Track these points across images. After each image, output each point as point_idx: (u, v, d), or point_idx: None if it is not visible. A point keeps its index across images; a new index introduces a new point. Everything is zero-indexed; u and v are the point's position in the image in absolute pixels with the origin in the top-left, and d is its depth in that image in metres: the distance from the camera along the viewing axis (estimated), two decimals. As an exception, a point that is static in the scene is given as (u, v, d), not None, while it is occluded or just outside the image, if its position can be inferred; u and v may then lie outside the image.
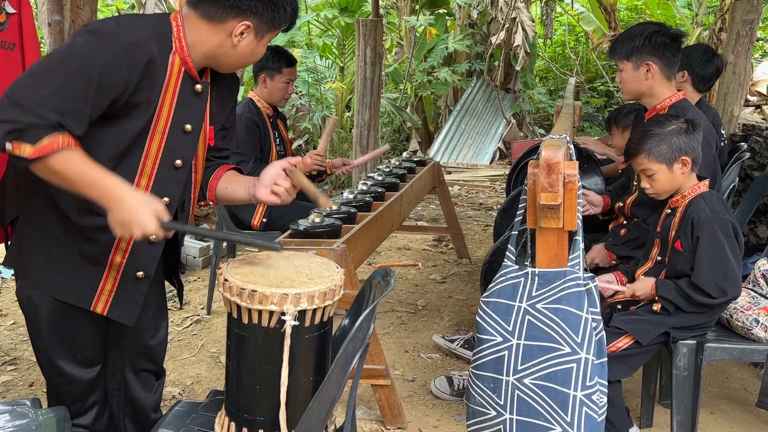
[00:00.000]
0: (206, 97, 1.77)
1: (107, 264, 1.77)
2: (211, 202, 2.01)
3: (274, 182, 1.78)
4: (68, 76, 1.52)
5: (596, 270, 2.64)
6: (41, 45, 2.36)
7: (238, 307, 1.41)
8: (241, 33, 1.69)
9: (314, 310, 1.41)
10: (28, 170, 1.56)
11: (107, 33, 1.59)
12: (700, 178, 2.30)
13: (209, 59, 1.74)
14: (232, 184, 1.92)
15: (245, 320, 1.41)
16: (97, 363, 1.93)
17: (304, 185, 1.80)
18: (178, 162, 1.77)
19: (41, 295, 1.79)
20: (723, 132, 3.40)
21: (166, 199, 1.78)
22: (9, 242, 1.84)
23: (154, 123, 1.69)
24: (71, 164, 1.53)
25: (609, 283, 2.38)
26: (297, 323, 1.38)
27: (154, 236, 1.60)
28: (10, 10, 2.05)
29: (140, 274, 1.81)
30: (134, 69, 1.60)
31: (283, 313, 1.37)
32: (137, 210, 1.55)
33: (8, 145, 1.48)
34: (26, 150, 1.48)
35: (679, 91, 2.65)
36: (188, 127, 1.75)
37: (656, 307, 2.23)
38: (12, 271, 4.24)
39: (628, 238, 2.64)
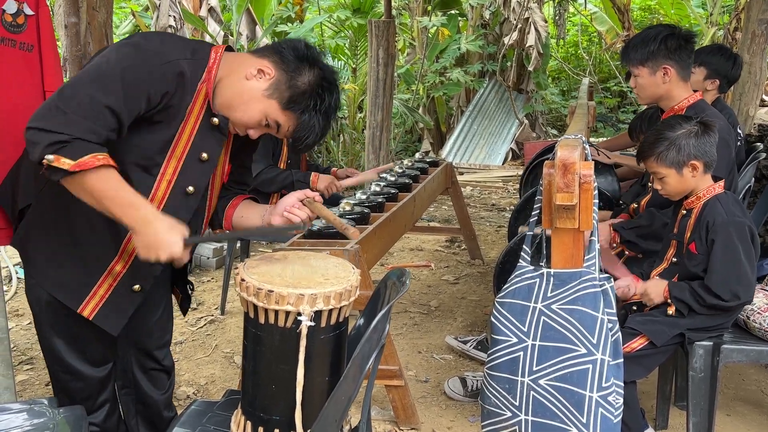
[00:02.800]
0: (225, 130, 1.77)
1: (107, 270, 1.77)
2: (227, 230, 2.01)
3: (287, 210, 1.78)
4: (107, 85, 1.55)
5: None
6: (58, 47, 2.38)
7: (255, 306, 1.41)
8: (259, 71, 1.69)
9: (330, 311, 1.41)
10: (57, 184, 1.57)
11: (149, 50, 1.62)
12: (716, 179, 2.28)
13: (222, 100, 1.73)
14: (247, 213, 1.93)
15: (262, 320, 1.41)
16: (107, 362, 1.93)
17: (328, 218, 1.79)
18: (191, 189, 1.77)
19: (49, 295, 1.79)
20: (740, 131, 3.38)
21: None
22: (17, 227, 1.85)
23: (173, 146, 1.70)
24: (106, 182, 1.54)
25: (627, 287, 2.36)
26: (313, 324, 1.39)
27: (178, 259, 1.62)
28: (29, 11, 2.07)
29: (137, 287, 1.81)
30: (168, 85, 1.62)
31: (299, 314, 1.38)
32: (164, 233, 1.58)
33: (50, 157, 1.48)
34: (66, 164, 1.49)
35: (695, 92, 2.64)
36: (204, 155, 1.76)
37: (671, 310, 2.21)
38: (28, 272, 4.29)
39: (638, 224, 2.60)
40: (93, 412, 1.95)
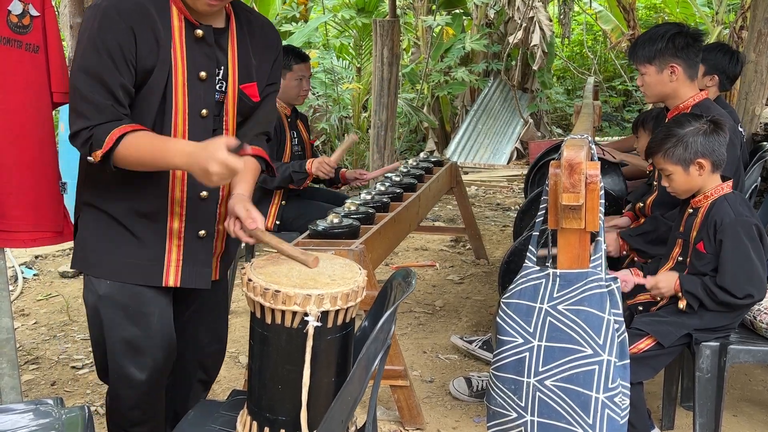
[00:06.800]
0: (212, 41, 1.74)
1: (167, 232, 1.76)
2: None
3: (234, 231, 1.70)
4: (93, 59, 1.63)
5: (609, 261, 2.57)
6: (64, 48, 2.38)
7: (262, 307, 1.41)
8: None
9: (337, 311, 1.41)
10: (115, 170, 1.67)
11: (102, 2, 1.65)
12: (724, 178, 2.27)
13: None
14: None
15: (268, 320, 1.41)
16: (162, 371, 1.87)
17: (279, 249, 1.62)
18: (204, 112, 1.76)
19: (109, 287, 1.77)
20: (742, 129, 3.38)
21: None
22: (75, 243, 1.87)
23: (174, 77, 1.69)
24: (136, 145, 1.63)
25: (626, 280, 2.34)
26: (320, 324, 1.39)
27: (234, 167, 1.55)
28: (34, 12, 2.07)
29: (202, 233, 1.80)
30: (136, 26, 1.64)
31: (306, 314, 1.38)
32: (205, 153, 1.55)
33: (89, 159, 1.66)
34: (99, 154, 1.63)
35: (701, 90, 2.63)
36: (203, 74, 1.74)
37: (681, 304, 2.20)
38: (33, 272, 4.30)
39: (644, 231, 2.60)
40: (139, 424, 1.89)
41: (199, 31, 1.72)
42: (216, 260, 1.90)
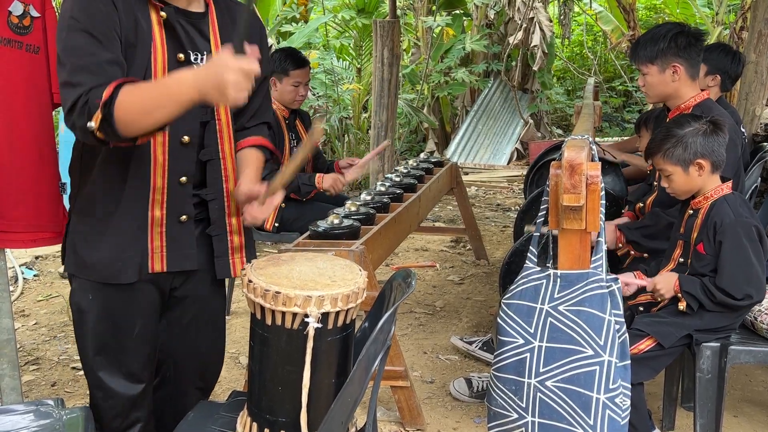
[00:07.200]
0: (174, 21, 1.71)
1: (149, 222, 1.74)
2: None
3: (251, 215, 1.74)
4: (80, 38, 1.57)
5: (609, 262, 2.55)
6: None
7: (262, 308, 1.41)
8: None
9: (337, 313, 1.41)
10: (117, 147, 1.59)
11: None
12: (723, 179, 2.27)
13: None
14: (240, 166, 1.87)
15: (269, 321, 1.41)
16: (141, 380, 1.85)
17: (296, 164, 1.69)
18: None
19: (91, 302, 1.76)
20: (744, 130, 3.38)
21: (186, 138, 1.75)
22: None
23: (154, 59, 1.67)
24: (136, 93, 1.54)
25: (628, 283, 2.35)
26: (320, 325, 1.39)
27: (248, 67, 1.47)
28: (35, 13, 2.08)
29: (183, 218, 1.78)
30: (118, 3, 1.61)
31: (306, 315, 1.37)
32: (215, 68, 1.47)
33: (91, 124, 1.52)
34: (98, 115, 1.51)
35: (703, 90, 2.63)
36: (180, 56, 1.72)
37: (681, 305, 2.20)
38: (34, 272, 4.31)
39: (644, 224, 2.59)
40: (123, 431, 1.86)
41: (163, 13, 1.69)
42: (240, 255, 1.89)
